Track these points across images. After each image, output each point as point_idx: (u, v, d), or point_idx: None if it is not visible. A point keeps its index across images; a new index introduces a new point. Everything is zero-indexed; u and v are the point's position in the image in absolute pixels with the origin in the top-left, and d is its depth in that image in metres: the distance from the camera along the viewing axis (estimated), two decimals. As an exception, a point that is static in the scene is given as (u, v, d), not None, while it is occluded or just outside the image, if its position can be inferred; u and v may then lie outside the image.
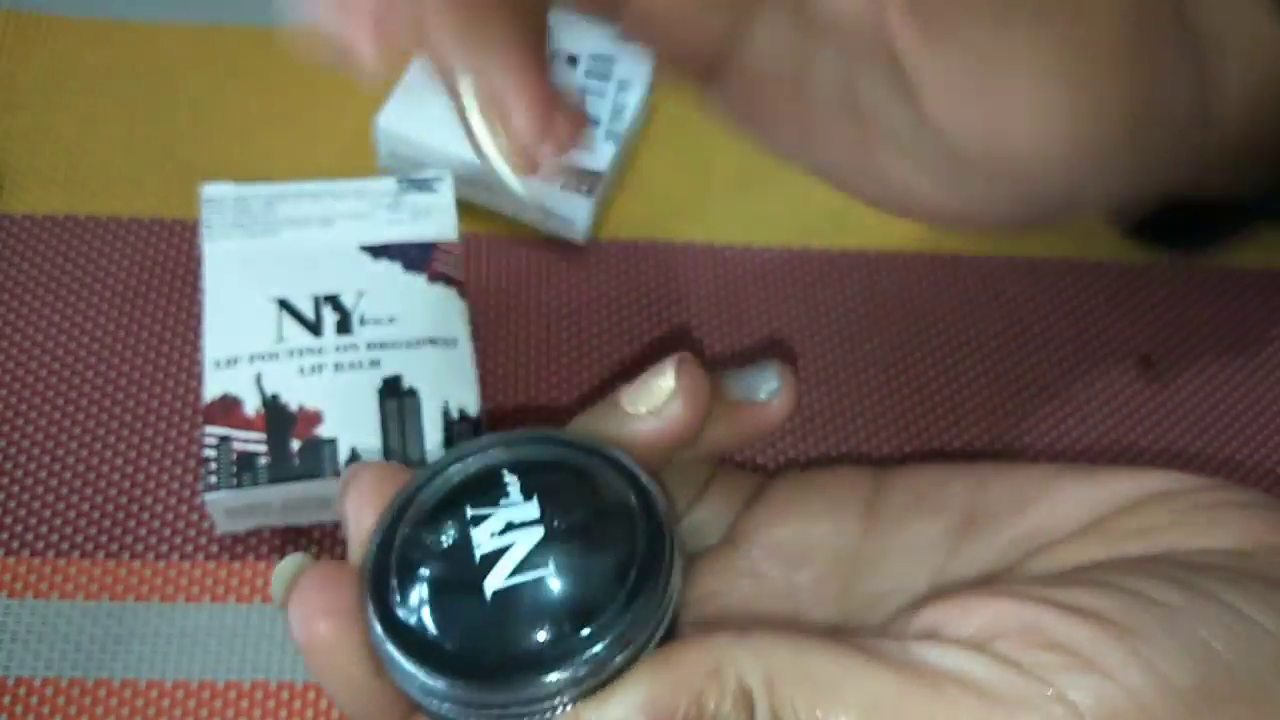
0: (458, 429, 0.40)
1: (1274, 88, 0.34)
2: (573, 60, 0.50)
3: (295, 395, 0.40)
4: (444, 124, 0.50)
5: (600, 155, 0.48)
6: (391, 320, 0.42)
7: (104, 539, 0.40)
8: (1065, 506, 0.29)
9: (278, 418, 0.39)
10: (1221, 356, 0.49)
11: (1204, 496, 0.28)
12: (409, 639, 0.24)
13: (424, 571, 0.25)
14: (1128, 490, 0.29)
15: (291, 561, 0.28)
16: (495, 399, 0.45)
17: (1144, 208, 0.34)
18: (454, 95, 0.26)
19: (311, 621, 0.25)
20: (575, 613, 0.24)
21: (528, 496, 0.26)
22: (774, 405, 0.30)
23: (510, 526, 0.25)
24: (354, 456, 0.39)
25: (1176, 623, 0.23)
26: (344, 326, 0.41)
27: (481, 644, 0.24)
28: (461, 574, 0.25)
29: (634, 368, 0.31)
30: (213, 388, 0.40)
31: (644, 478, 0.26)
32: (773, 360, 0.30)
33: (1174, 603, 0.23)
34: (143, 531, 0.41)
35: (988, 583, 0.27)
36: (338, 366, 0.40)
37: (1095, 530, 0.27)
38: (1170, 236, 0.42)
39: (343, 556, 0.41)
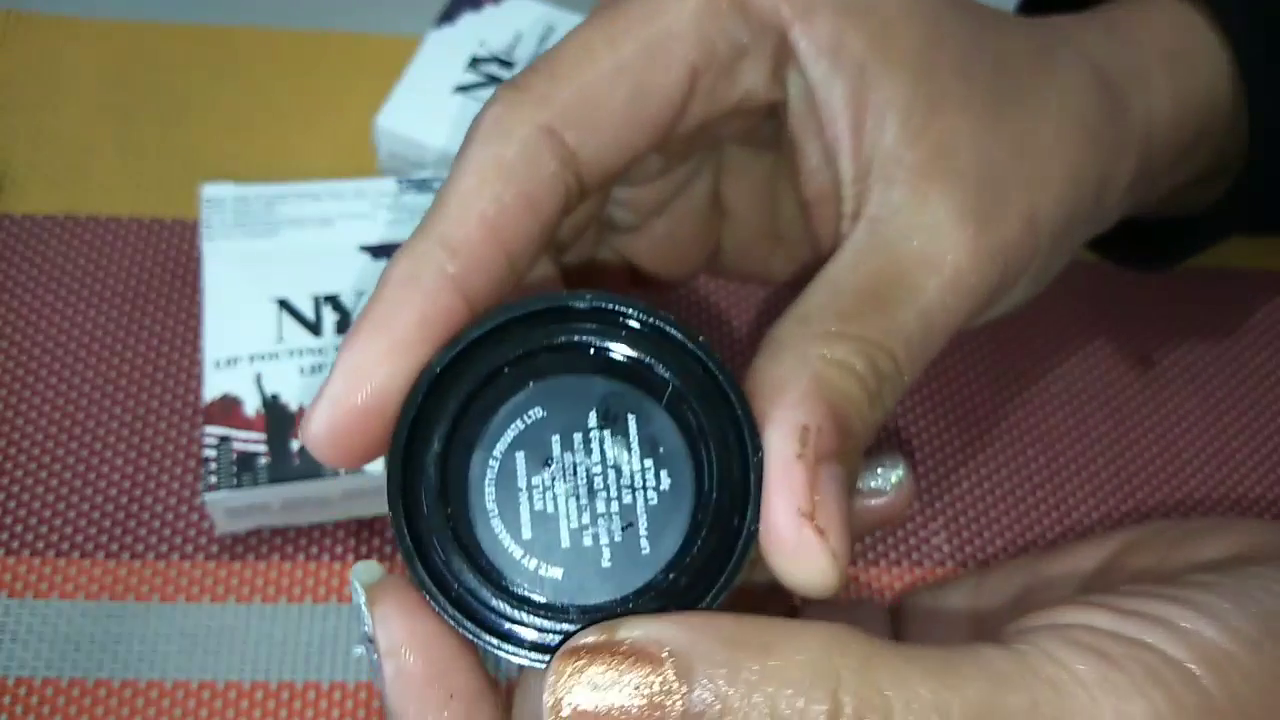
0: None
1: (1208, 91, 0.36)
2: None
3: (295, 395, 0.40)
4: (444, 124, 0.50)
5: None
6: (391, 320, 0.42)
7: (104, 539, 0.40)
8: (1055, 586, 0.32)
9: (278, 418, 0.39)
10: (1221, 356, 0.49)
11: (1175, 531, 0.31)
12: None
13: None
14: (1099, 553, 0.31)
15: (368, 570, 0.26)
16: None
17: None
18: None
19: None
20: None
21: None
22: (899, 496, 0.30)
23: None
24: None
25: (1223, 590, 0.24)
26: (344, 326, 0.41)
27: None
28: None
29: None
30: (213, 388, 0.40)
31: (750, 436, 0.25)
32: (893, 449, 0.31)
33: (1210, 581, 0.25)
34: (143, 531, 0.41)
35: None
36: (338, 366, 0.40)
37: (1094, 590, 0.28)
38: (1126, 251, 0.43)
39: (343, 556, 0.41)
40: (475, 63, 0.49)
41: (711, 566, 0.24)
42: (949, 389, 0.47)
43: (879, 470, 0.30)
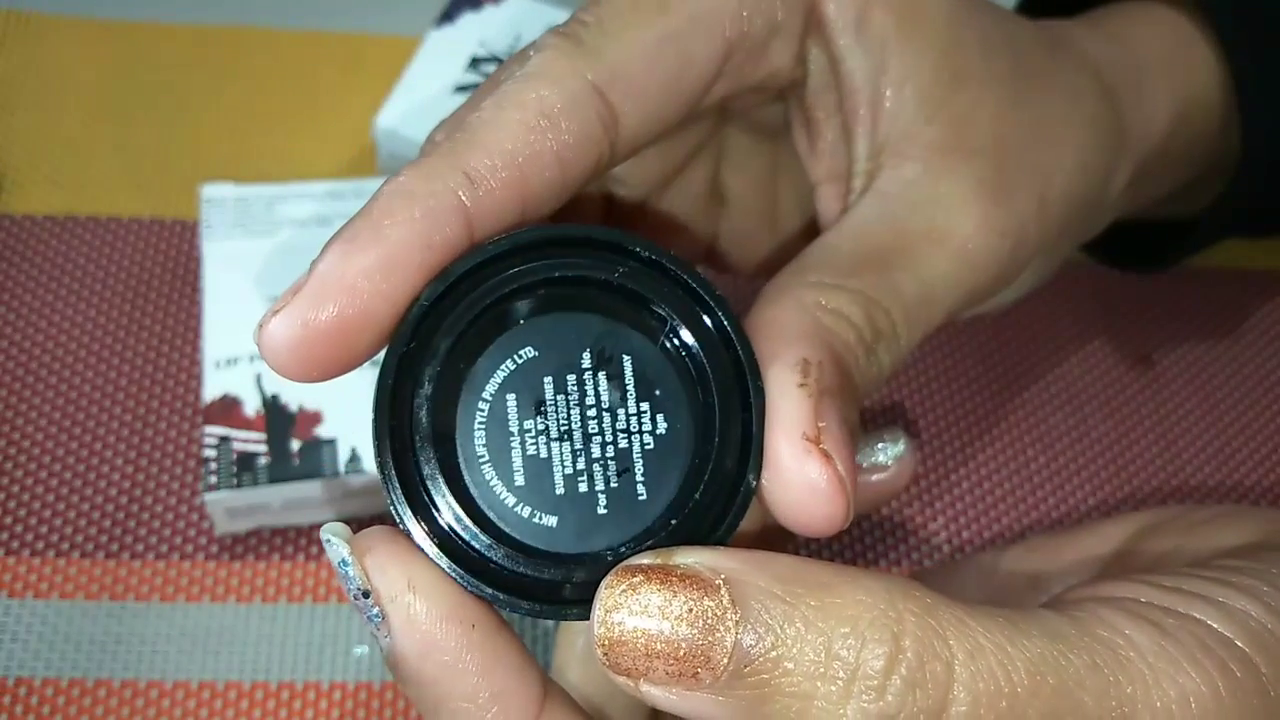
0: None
1: (1199, 101, 0.36)
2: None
3: (295, 395, 0.40)
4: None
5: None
6: (391, 320, 0.42)
7: (104, 539, 0.40)
8: (1071, 568, 0.32)
9: (278, 418, 0.39)
10: (1221, 356, 0.49)
11: (1192, 517, 0.31)
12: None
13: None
14: (1116, 536, 0.31)
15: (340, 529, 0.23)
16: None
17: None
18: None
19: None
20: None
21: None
22: (898, 471, 0.30)
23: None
24: (354, 457, 0.39)
25: (1256, 573, 0.24)
26: (344, 326, 0.41)
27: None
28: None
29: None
30: (212, 388, 0.40)
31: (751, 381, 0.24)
32: (895, 425, 0.31)
33: (1240, 565, 0.25)
34: (143, 531, 0.41)
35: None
36: (338, 366, 0.40)
37: (1111, 574, 0.28)
38: (1120, 252, 0.43)
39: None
40: (475, 63, 0.49)
41: (711, 512, 0.23)
42: (950, 388, 0.47)
43: (879, 445, 0.30)
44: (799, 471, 0.22)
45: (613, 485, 0.23)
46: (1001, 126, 0.28)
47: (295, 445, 0.39)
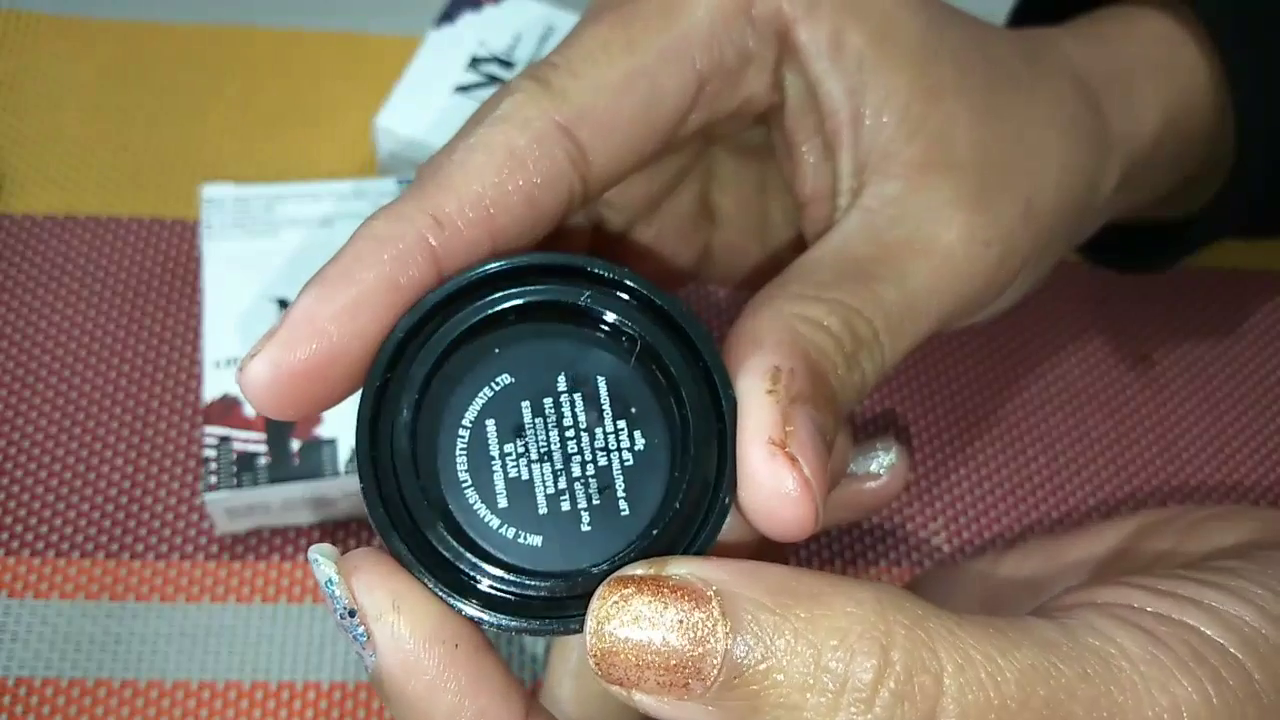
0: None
1: (1191, 103, 0.36)
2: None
3: (295, 395, 0.40)
4: (444, 124, 0.50)
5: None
6: (391, 320, 0.42)
7: (104, 539, 0.40)
8: (1070, 569, 0.32)
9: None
10: (1221, 356, 0.49)
11: (1189, 517, 0.31)
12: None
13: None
14: (1115, 536, 0.31)
15: (328, 549, 0.24)
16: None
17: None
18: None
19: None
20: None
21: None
22: (891, 480, 0.31)
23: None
24: (353, 457, 0.39)
25: (1251, 575, 0.24)
26: (344, 326, 0.41)
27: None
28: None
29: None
30: (213, 388, 0.40)
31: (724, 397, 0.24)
32: (888, 435, 0.31)
33: (1236, 566, 0.25)
34: (143, 531, 0.41)
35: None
36: (338, 366, 0.40)
37: (1106, 577, 0.28)
38: (1116, 254, 0.44)
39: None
40: (475, 63, 0.49)
41: (692, 522, 0.23)
42: (949, 389, 0.47)
43: (873, 455, 0.30)
44: (766, 476, 0.22)
45: (595, 503, 0.24)
46: (980, 137, 0.28)
47: (295, 445, 0.39)
